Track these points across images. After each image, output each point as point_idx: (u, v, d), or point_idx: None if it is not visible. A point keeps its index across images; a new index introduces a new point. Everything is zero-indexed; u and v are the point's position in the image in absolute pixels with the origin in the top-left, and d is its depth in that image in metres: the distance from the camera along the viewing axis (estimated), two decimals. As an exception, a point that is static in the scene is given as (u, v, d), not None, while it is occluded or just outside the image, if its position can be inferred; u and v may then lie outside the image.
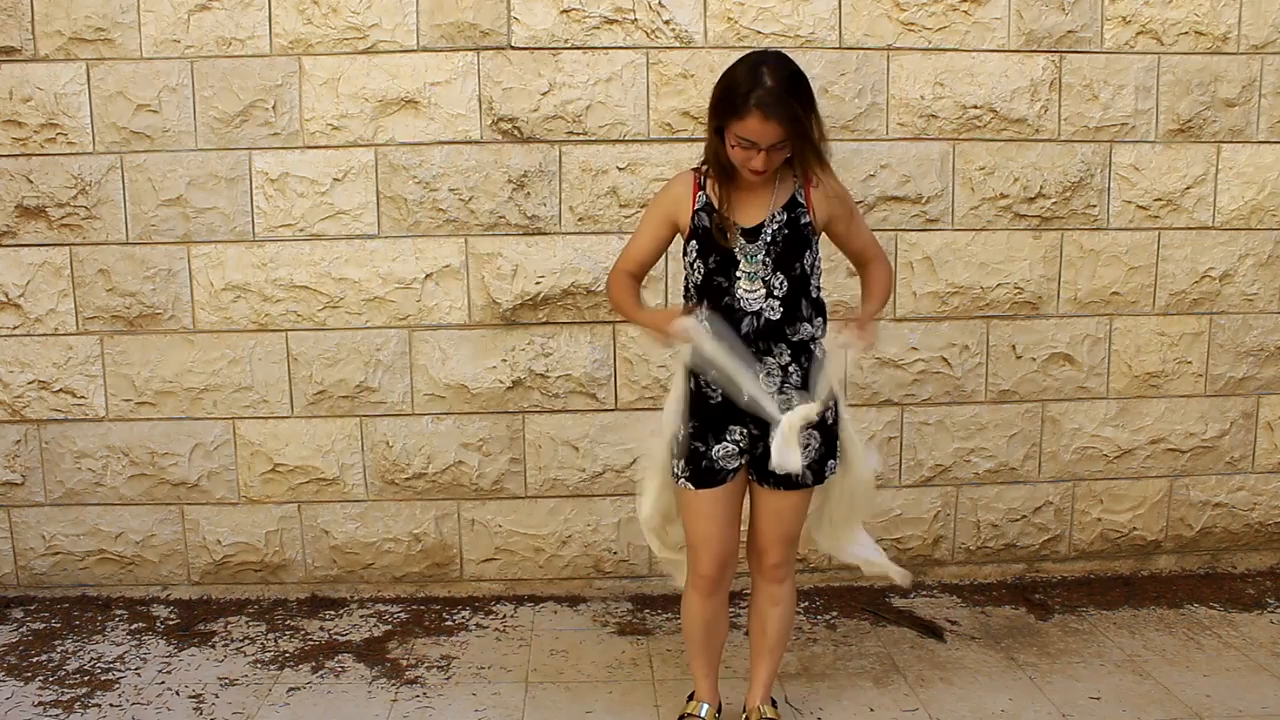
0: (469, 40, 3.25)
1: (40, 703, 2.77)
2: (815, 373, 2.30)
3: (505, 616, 3.34)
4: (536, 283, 3.34)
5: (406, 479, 3.43)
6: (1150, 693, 2.80)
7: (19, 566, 3.47)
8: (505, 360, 3.38)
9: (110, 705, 2.76)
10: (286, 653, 3.07)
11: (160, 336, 3.35)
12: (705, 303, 2.28)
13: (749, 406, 2.26)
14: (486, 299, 3.35)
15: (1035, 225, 3.43)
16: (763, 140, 2.13)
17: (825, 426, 2.35)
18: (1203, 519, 3.65)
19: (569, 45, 3.26)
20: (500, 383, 3.39)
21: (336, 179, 3.29)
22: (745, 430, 2.32)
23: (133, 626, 3.26)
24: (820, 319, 2.34)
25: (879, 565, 2.53)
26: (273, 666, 2.99)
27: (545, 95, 3.27)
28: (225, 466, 3.41)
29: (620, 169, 3.31)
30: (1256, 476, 3.65)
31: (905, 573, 2.55)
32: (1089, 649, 3.07)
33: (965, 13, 3.30)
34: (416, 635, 3.19)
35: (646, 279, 2.52)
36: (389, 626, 3.25)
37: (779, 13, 3.25)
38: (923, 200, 3.38)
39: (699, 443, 2.33)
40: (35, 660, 3.02)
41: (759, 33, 3.25)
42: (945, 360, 3.46)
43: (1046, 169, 3.40)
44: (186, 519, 3.44)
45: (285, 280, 3.33)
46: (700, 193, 2.30)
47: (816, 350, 2.33)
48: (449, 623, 3.29)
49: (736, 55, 2.31)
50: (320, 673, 2.95)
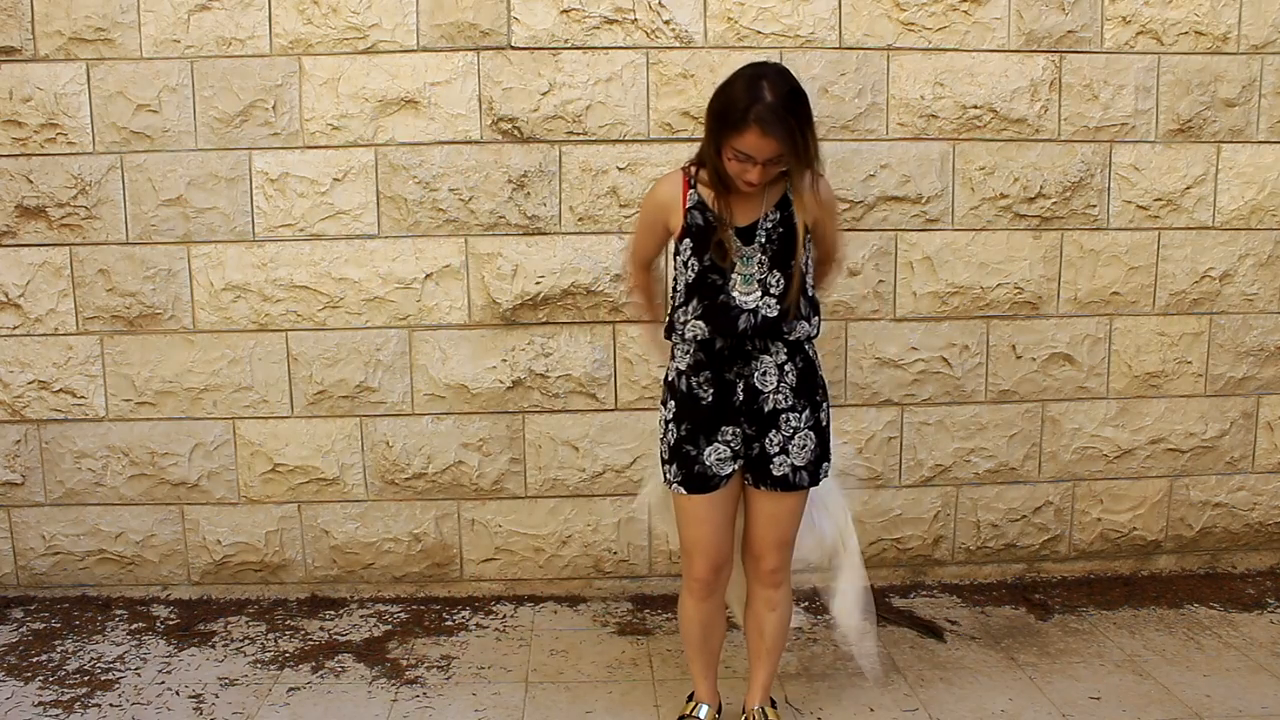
0: (469, 40, 3.25)
1: (40, 703, 2.77)
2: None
3: (505, 616, 3.35)
4: (536, 283, 3.34)
5: (406, 479, 3.43)
6: (1150, 693, 2.80)
7: (19, 566, 3.47)
8: (505, 360, 3.38)
9: (110, 705, 2.77)
10: (286, 653, 3.07)
11: (160, 336, 3.35)
12: (699, 300, 2.26)
13: None
14: (486, 299, 3.35)
15: (1035, 225, 3.43)
16: (759, 155, 2.13)
17: (820, 428, 2.35)
18: (1203, 519, 3.64)
19: (569, 45, 3.26)
20: (500, 383, 3.39)
21: (336, 179, 3.29)
22: (738, 430, 2.31)
23: (133, 626, 3.26)
24: (817, 318, 2.33)
25: (849, 631, 2.56)
26: (273, 666, 2.99)
27: (545, 95, 3.27)
28: (225, 466, 3.42)
29: (620, 169, 3.30)
30: (1256, 476, 3.64)
31: (873, 665, 2.72)
32: (1089, 649, 3.07)
33: (965, 13, 3.30)
34: (416, 635, 3.19)
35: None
36: (389, 626, 3.25)
37: (779, 13, 3.25)
38: (923, 200, 3.38)
39: (690, 446, 2.32)
40: (35, 660, 3.02)
41: (759, 33, 3.25)
42: (945, 360, 3.46)
43: (1046, 169, 3.40)
44: (186, 519, 3.44)
45: (285, 280, 3.33)
46: (691, 191, 2.28)
47: (809, 350, 2.34)
48: (449, 623, 3.29)
49: (736, 55, 2.33)
50: (320, 673, 2.95)
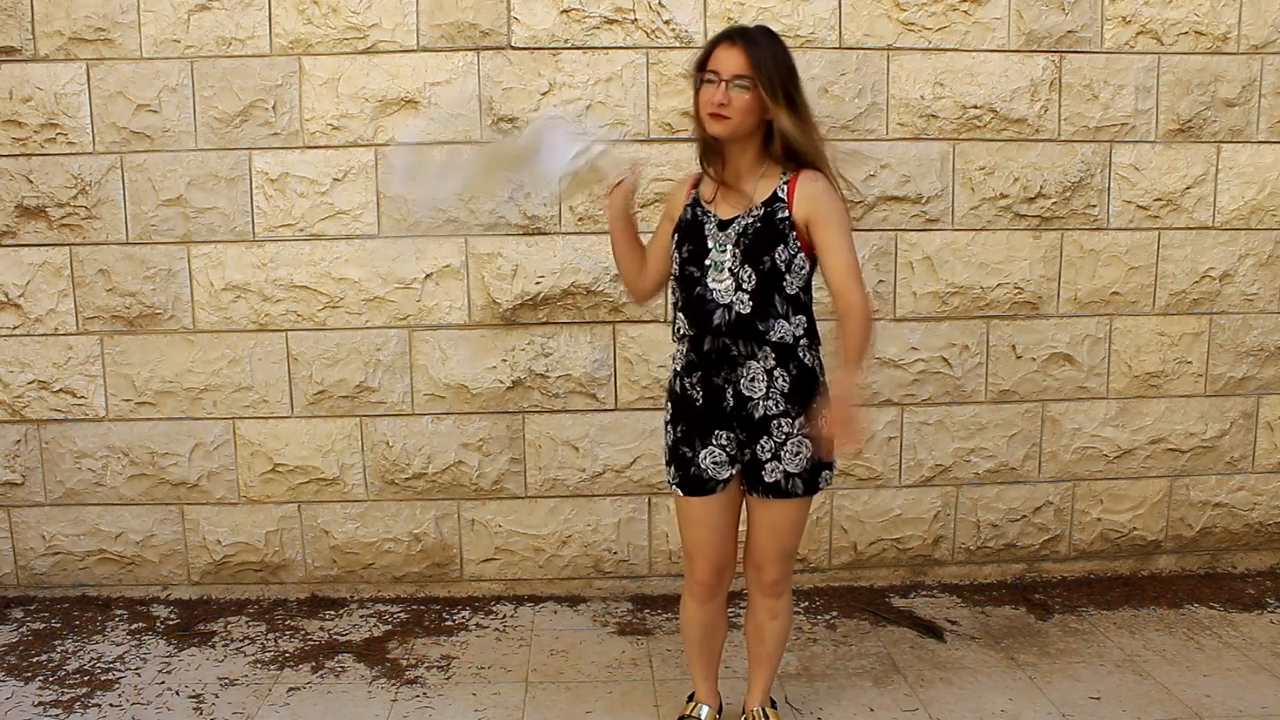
0: (469, 40, 3.24)
1: (40, 703, 2.77)
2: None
3: (505, 616, 3.34)
4: (536, 283, 3.34)
5: (406, 479, 3.43)
6: (1150, 693, 2.80)
7: (19, 566, 3.47)
8: (505, 360, 3.38)
9: (110, 705, 2.76)
10: (286, 653, 3.07)
11: (160, 336, 3.35)
12: (680, 293, 2.29)
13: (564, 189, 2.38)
14: (486, 299, 3.35)
15: (1035, 225, 3.43)
16: (725, 70, 2.14)
17: (817, 435, 2.32)
18: (1203, 519, 3.64)
19: (569, 45, 3.26)
20: (500, 383, 3.39)
21: (336, 179, 3.29)
22: (731, 435, 2.30)
23: (133, 626, 3.26)
24: (802, 317, 2.25)
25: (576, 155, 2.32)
26: (273, 666, 2.99)
27: (545, 95, 3.26)
28: (225, 466, 3.41)
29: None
30: (1256, 476, 3.64)
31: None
32: (1089, 649, 3.07)
33: (965, 13, 3.30)
34: (416, 635, 3.19)
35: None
36: (389, 626, 3.25)
37: (779, 13, 3.25)
38: (923, 200, 3.38)
39: (686, 448, 2.32)
40: (35, 660, 3.02)
41: (759, 33, 3.25)
42: (945, 360, 3.46)
43: (1046, 169, 3.40)
44: (186, 519, 3.44)
45: (285, 280, 3.33)
46: (694, 191, 2.34)
47: (805, 356, 2.26)
48: (449, 623, 3.29)
49: (737, 55, 2.34)
50: (320, 673, 2.95)
